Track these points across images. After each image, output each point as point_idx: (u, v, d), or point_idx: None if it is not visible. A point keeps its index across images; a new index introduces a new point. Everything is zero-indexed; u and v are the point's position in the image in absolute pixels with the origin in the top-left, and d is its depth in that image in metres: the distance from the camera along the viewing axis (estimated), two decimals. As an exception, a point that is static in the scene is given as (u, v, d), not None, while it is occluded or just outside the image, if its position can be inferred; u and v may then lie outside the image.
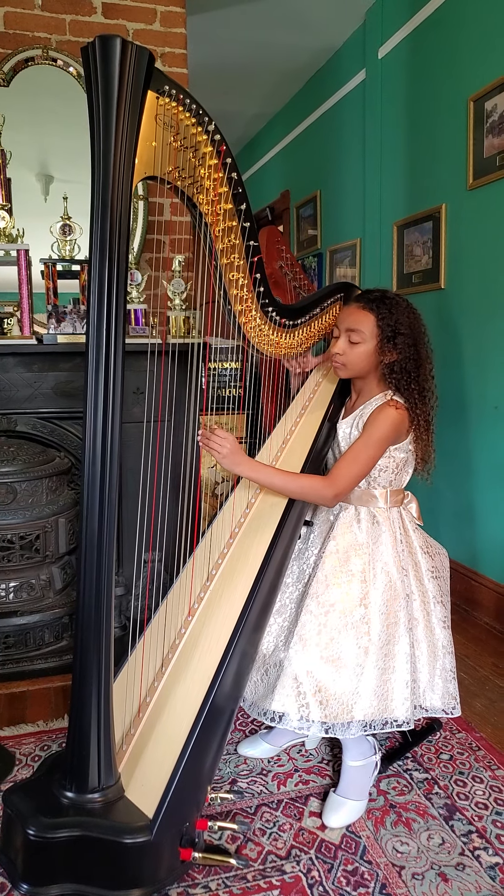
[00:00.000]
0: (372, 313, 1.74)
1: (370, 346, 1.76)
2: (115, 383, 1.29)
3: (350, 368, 1.81)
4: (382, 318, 1.73)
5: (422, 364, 1.77)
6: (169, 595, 1.78)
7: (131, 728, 1.50)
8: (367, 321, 1.74)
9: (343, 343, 1.79)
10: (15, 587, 2.27)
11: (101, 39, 1.20)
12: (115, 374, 1.29)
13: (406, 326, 1.74)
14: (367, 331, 1.74)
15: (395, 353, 1.73)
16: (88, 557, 1.32)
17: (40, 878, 1.34)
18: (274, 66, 4.25)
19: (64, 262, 2.50)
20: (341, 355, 1.79)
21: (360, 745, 1.74)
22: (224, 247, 1.60)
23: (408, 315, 1.76)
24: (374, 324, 1.74)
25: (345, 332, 1.78)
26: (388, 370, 1.76)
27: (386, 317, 1.73)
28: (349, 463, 1.71)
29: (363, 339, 1.75)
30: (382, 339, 1.73)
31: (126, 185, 1.26)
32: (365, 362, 1.78)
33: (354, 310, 1.77)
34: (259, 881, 1.48)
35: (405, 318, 1.74)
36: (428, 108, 3.13)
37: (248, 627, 1.59)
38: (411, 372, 1.75)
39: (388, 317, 1.73)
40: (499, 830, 1.63)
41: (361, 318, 1.75)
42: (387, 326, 1.72)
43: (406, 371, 1.74)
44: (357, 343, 1.76)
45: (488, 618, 2.83)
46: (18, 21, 2.77)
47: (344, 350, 1.78)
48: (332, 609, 1.66)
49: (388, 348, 1.73)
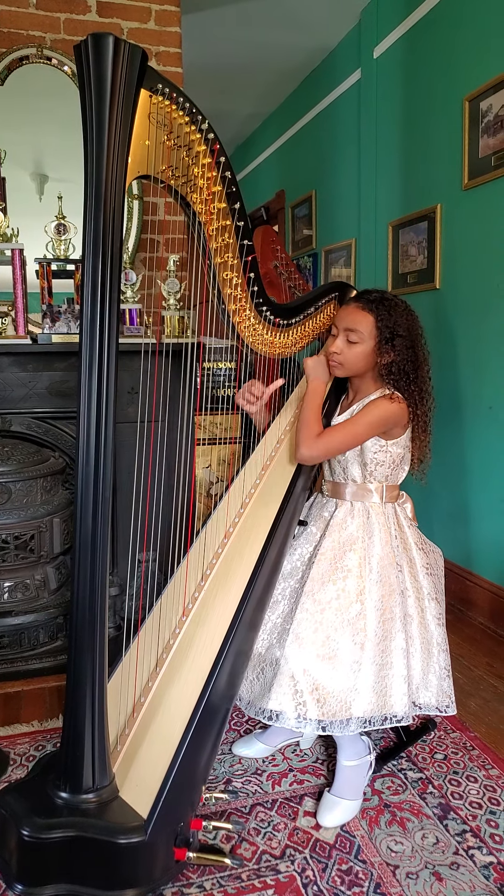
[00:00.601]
0: (371, 314, 1.75)
1: (368, 346, 1.76)
2: (109, 383, 1.29)
3: (347, 368, 1.82)
4: (381, 319, 1.74)
5: (419, 366, 1.79)
6: (163, 595, 1.78)
7: (126, 728, 1.50)
8: (366, 322, 1.75)
9: (341, 342, 1.79)
10: (9, 587, 2.27)
11: (94, 38, 1.20)
12: (109, 374, 1.28)
13: (404, 328, 1.75)
14: (366, 331, 1.75)
15: (393, 354, 1.74)
16: (83, 557, 1.31)
17: (35, 878, 1.33)
18: (269, 66, 4.24)
19: (58, 261, 2.50)
20: (339, 354, 1.80)
21: (355, 745, 1.74)
22: (218, 246, 1.60)
23: (406, 317, 1.77)
24: (373, 325, 1.75)
25: (343, 331, 1.79)
26: (385, 371, 1.77)
27: (385, 318, 1.74)
28: (333, 431, 1.78)
29: (361, 339, 1.76)
30: (381, 341, 1.74)
31: (119, 183, 1.26)
32: (362, 362, 1.79)
33: (353, 310, 1.78)
34: (254, 881, 1.47)
35: (403, 320, 1.76)
36: (423, 107, 3.13)
37: (243, 627, 1.59)
38: (409, 373, 1.76)
39: (387, 318, 1.74)
40: (493, 830, 1.63)
41: (360, 319, 1.76)
42: (385, 328, 1.74)
43: (404, 372, 1.75)
44: (355, 343, 1.77)
45: (483, 617, 2.83)
46: (13, 19, 2.76)
47: (341, 349, 1.79)
48: (328, 606, 1.66)
49: (386, 349, 1.74)
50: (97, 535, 1.31)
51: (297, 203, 4.67)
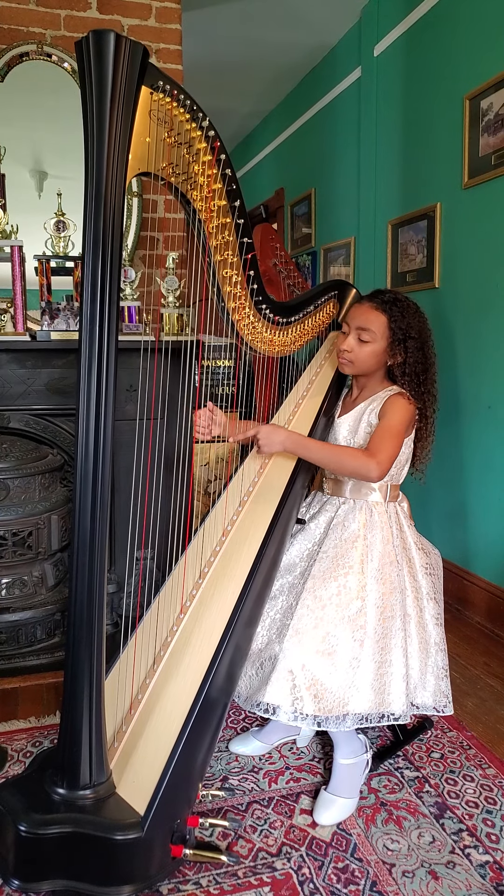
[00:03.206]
0: (384, 314, 1.76)
1: (379, 346, 1.78)
2: (108, 380, 1.28)
3: (357, 366, 1.83)
4: (395, 320, 1.76)
5: (429, 367, 1.80)
6: (161, 592, 1.78)
7: (123, 725, 1.50)
8: (379, 322, 1.77)
9: (352, 340, 1.81)
10: (7, 584, 2.27)
11: (95, 34, 1.20)
12: (108, 372, 1.28)
13: (416, 330, 1.77)
14: (378, 331, 1.77)
15: (405, 355, 1.76)
16: (81, 554, 1.31)
17: (31, 874, 1.33)
18: (269, 64, 4.24)
19: (58, 258, 2.49)
20: (349, 352, 1.81)
21: (352, 743, 1.74)
22: (218, 244, 1.60)
23: (417, 319, 1.79)
24: (386, 325, 1.76)
25: (355, 329, 1.80)
26: (399, 371, 1.79)
27: (398, 319, 1.76)
28: (383, 439, 1.70)
29: (373, 338, 1.78)
30: (393, 341, 1.77)
31: (120, 181, 1.26)
32: (372, 361, 1.81)
33: (367, 309, 1.79)
34: (250, 878, 1.48)
35: (415, 322, 1.78)
36: (423, 106, 3.13)
37: (241, 625, 1.59)
38: (420, 375, 1.78)
39: (400, 319, 1.76)
40: (489, 829, 1.63)
41: (373, 318, 1.77)
42: (398, 329, 1.75)
43: (416, 374, 1.78)
44: (367, 342, 1.79)
45: (480, 617, 2.83)
46: (13, 16, 2.76)
47: (352, 347, 1.81)
48: (328, 603, 1.67)
49: (398, 350, 1.76)
50: (95, 532, 1.31)
51: (297, 201, 4.67)
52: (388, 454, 1.69)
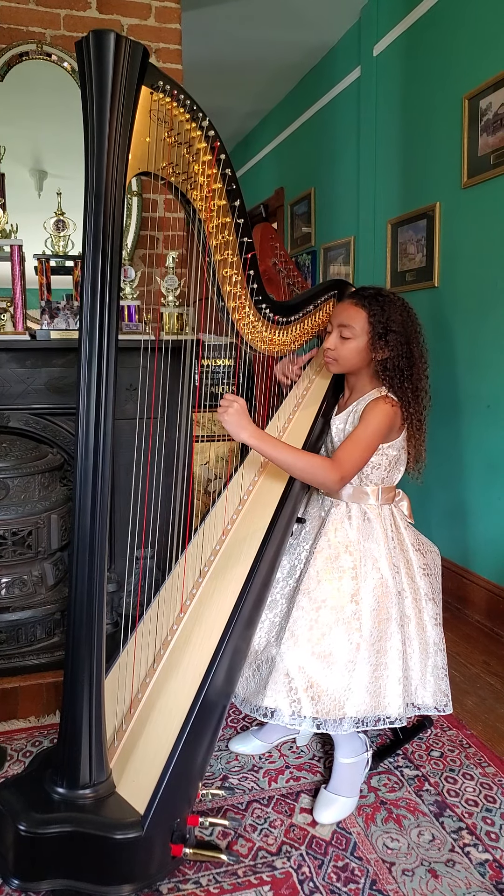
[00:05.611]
0: (364, 310, 1.75)
1: (361, 342, 1.76)
2: (107, 380, 1.29)
3: (341, 364, 1.82)
4: (374, 314, 1.74)
5: (415, 363, 1.77)
6: (161, 592, 1.78)
7: (123, 724, 1.50)
8: (359, 317, 1.75)
9: (335, 338, 1.80)
10: (7, 583, 2.27)
11: (96, 34, 1.20)
12: (108, 371, 1.28)
13: (398, 324, 1.74)
14: (358, 327, 1.75)
15: (387, 350, 1.74)
16: (80, 554, 1.31)
17: (31, 873, 1.34)
18: (268, 63, 4.24)
19: (57, 257, 2.49)
20: (332, 350, 1.81)
21: (352, 742, 1.74)
22: (218, 243, 1.60)
23: (401, 313, 1.76)
24: (366, 320, 1.74)
25: (337, 327, 1.79)
26: (380, 367, 1.76)
27: (377, 314, 1.74)
28: (351, 447, 1.69)
29: (354, 334, 1.76)
30: (374, 336, 1.74)
31: (120, 180, 1.26)
32: (356, 358, 1.79)
33: (347, 306, 1.78)
34: (250, 877, 1.48)
35: (398, 316, 1.75)
36: (422, 106, 3.13)
37: (241, 624, 1.59)
38: (404, 370, 1.75)
39: (380, 314, 1.74)
40: (489, 827, 1.63)
41: (353, 315, 1.76)
42: (378, 323, 1.73)
43: (399, 369, 1.74)
44: (348, 339, 1.77)
45: (479, 616, 2.84)
46: (12, 15, 2.76)
47: (335, 345, 1.80)
48: (323, 605, 1.67)
49: (379, 345, 1.74)
50: (95, 532, 1.31)
51: (296, 200, 4.67)
52: (353, 464, 1.68)
